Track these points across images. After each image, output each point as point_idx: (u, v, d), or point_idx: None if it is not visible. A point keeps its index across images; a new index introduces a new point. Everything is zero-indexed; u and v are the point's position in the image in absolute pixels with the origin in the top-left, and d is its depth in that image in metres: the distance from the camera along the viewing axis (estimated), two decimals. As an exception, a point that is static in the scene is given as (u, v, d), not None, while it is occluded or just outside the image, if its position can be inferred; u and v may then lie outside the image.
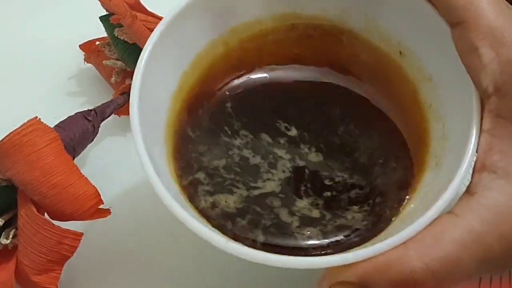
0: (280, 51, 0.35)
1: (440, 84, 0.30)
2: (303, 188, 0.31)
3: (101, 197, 0.32)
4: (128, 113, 0.43)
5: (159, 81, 0.31)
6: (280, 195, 0.31)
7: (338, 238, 0.29)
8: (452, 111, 0.28)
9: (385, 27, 0.32)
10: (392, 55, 0.32)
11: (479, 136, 0.25)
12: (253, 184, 0.31)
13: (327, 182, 0.31)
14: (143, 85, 0.29)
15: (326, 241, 0.29)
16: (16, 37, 0.49)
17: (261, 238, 0.29)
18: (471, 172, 0.25)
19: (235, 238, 0.28)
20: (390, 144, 0.32)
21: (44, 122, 0.32)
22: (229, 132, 0.33)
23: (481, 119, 0.25)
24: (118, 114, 0.41)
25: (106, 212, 0.32)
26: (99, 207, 0.32)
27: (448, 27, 0.27)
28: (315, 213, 0.30)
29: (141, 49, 0.39)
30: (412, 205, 0.29)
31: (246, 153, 0.33)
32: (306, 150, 0.32)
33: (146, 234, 0.36)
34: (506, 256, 0.23)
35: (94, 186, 0.31)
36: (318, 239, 0.29)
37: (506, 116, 0.24)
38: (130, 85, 0.41)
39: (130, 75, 0.42)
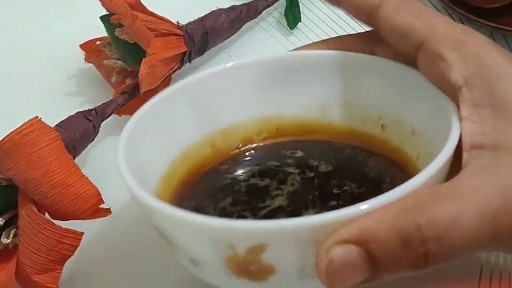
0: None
1: (421, 131, 0.31)
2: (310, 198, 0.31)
3: (102, 197, 0.32)
4: (128, 113, 0.43)
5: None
6: (288, 208, 0.31)
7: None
8: (439, 144, 0.28)
9: (364, 105, 0.34)
10: (375, 132, 0.34)
11: (461, 123, 0.26)
12: (261, 205, 0.31)
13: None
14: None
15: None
16: (17, 37, 0.49)
17: None
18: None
19: None
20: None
21: (45, 121, 0.32)
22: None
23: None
24: (119, 113, 0.41)
25: (107, 211, 0.32)
26: (100, 206, 0.32)
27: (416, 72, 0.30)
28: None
29: (141, 49, 0.40)
30: None
31: (253, 180, 0.33)
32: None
33: (146, 234, 0.36)
34: (507, 210, 0.23)
35: (94, 185, 0.32)
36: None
37: (480, 103, 0.26)
38: (130, 84, 0.41)
39: (131, 75, 0.42)
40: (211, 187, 0.33)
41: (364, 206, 0.23)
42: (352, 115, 0.34)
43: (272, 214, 0.30)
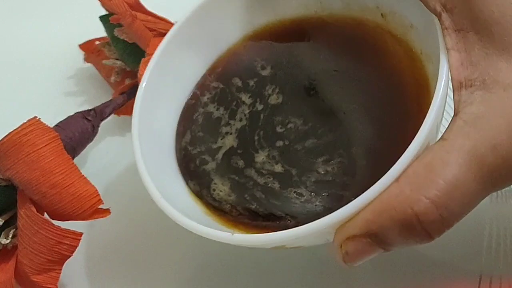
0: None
1: (419, 27, 0.30)
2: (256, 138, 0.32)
3: (101, 197, 0.32)
4: (128, 113, 0.43)
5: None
6: (238, 150, 0.32)
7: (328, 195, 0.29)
8: (434, 46, 0.28)
9: None
10: (375, 20, 0.33)
11: (448, 56, 0.25)
12: (214, 146, 0.32)
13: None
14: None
15: (319, 204, 0.29)
16: (16, 37, 0.49)
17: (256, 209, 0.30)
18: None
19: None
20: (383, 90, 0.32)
21: (44, 121, 0.32)
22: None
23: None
24: (118, 113, 0.41)
25: (106, 212, 0.32)
26: (99, 207, 0.32)
27: None
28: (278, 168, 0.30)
29: (140, 49, 0.39)
30: None
31: (212, 107, 0.34)
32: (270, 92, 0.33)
33: (145, 234, 0.36)
34: (503, 163, 0.22)
35: (93, 186, 0.31)
36: (309, 201, 0.29)
37: (463, 28, 0.25)
38: (129, 84, 0.41)
39: (130, 75, 0.42)
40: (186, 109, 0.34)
41: (363, 198, 0.23)
42: (350, 5, 0.34)
43: (227, 158, 0.31)
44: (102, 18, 0.41)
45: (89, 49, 0.44)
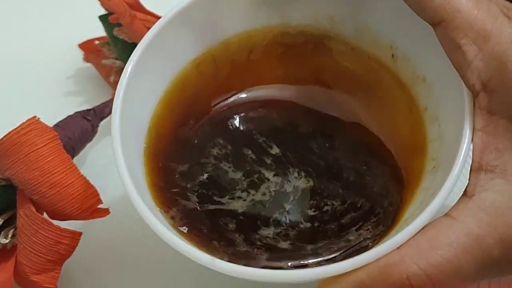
0: (265, 72, 0.34)
1: (434, 84, 0.29)
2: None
3: (100, 197, 0.32)
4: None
5: (144, 92, 0.30)
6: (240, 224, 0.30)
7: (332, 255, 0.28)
8: (447, 110, 0.28)
9: (376, 31, 0.31)
10: (383, 59, 0.31)
11: (473, 135, 0.24)
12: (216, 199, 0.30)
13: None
14: (125, 100, 0.28)
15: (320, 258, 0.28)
16: (15, 36, 0.48)
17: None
18: (467, 174, 0.24)
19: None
20: (375, 158, 0.31)
21: (43, 121, 0.32)
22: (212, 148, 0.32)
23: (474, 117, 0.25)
24: (117, 113, 0.41)
25: (105, 211, 0.32)
26: (98, 206, 0.32)
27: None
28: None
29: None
30: (409, 211, 0.28)
31: (226, 166, 0.32)
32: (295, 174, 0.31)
33: (145, 233, 0.36)
34: (507, 260, 0.22)
35: (93, 185, 0.31)
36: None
37: (498, 112, 0.24)
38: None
39: (129, 74, 0.42)
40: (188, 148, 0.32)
41: (358, 260, 0.23)
42: (362, 34, 0.32)
43: (227, 219, 0.30)
44: (102, 17, 0.41)
45: (89, 48, 0.44)
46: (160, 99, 0.31)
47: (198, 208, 0.30)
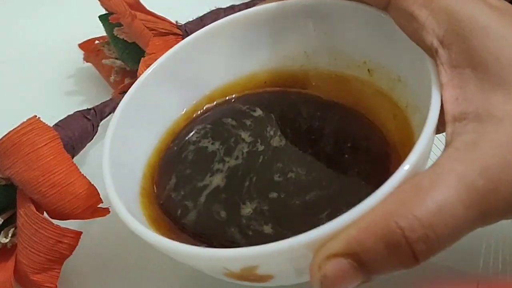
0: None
1: (408, 79, 0.30)
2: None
3: (100, 196, 0.32)
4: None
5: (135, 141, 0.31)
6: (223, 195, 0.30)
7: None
8: (423, 97, 0.28)
9: (349, 54, 0.33)
10: (362, 77, 0.33)
11: (442, 91, 0.25)
12: (200, 184, 0.31)
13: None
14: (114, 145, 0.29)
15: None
16: (16, 36, 0.49)
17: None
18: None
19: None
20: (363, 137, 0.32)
21: (43, 121, 0.32)
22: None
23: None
24: (117, 113, 0.41)
25: (105, 211, 0.32)
26: (98, 206, 0.32)
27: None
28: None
29: (140, 48, 0.39)
30: None
31: (204, 143, 0.33)
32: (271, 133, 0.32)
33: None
34: (493, 191, 0.22)
35: (93, 185, 0.31)
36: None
37: (459, 65, 0.24)
38: (129, 84, 0.41)
39: (129, 74, 0.42)
40: (171, 155, 0.33)
41: (347, 216, 0.22)
42: (337, 60, 0.34)
43: (211, 200, 0.30)
44: (102, 17, 0.41)
45: (89, 48, 0.44)
46: (154, 148, 0.33)
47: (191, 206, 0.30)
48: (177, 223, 0.30)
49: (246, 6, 0.46)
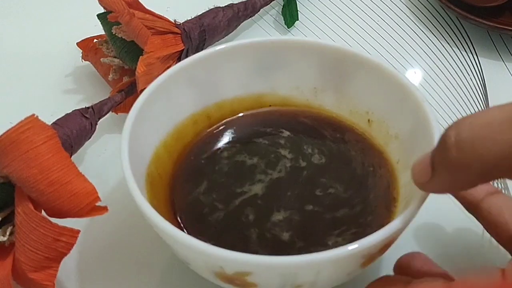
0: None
1: (406, 139, 0.32)
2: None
3: (98, 194, 0.32)
4: (125, 111, 0.43)
5: (146, 135, 0.32)
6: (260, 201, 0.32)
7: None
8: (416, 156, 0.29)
9: (354, 101, 0.35)
10: (361, 125, 0.35)
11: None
12: (238, 190, 0.32)
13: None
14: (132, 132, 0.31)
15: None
16: (14, 35, 0.49)
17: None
18: None
19: None
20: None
21: (42, 119, 0.32)
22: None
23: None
24: (116, 111, 0.41)
25: (103, 209, 0.32)
26: (96, 204, 0.32)
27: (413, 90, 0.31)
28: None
29: (138, 47, 0.39)
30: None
31: (242, 157, 0.34)
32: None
33: (143, 231, 0.36)
34: None
35: (91, 183, 0.31)
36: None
37: None
38: (127, 82, 0.41)
39: (128, 72, 0.42)
40: (195, 163, 0.34)
41: (352, 246, 0.25)
42: (341, 104, 0.36)
43: (244, 206, 0.31)
44: (100, 16, 0.41)
45: (87, 47, 0.44)
46: (161, 142, 0.34)
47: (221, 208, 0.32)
48: (197, 218, 0.31)
49: (244, 5, 0.46)
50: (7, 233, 0.32)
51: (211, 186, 0.33)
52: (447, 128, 0.24)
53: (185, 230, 0.31)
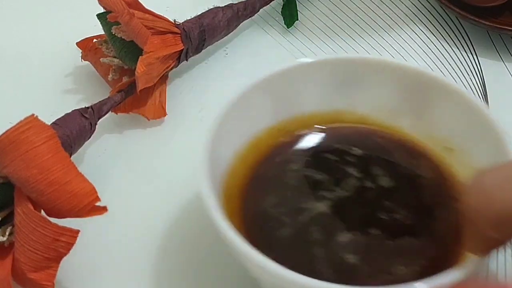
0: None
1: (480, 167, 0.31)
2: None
3: (98, 195, 0.32)
4: (125, 111, 0.43)
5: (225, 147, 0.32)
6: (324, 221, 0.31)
7: None
8: None
9: (434, 125, 0.34)
10: (439, 152, 0.34)
11: None
12: (303, 205, 0.32)
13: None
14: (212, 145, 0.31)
15: None
16: (13, 35, 0.48)
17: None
18: None
19: None
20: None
21: (41, 119, 0.32)
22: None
23: None
24: (115, 111, 0.41)
25: (103, 209, 0.32)
26: (96, 204, 0.32)
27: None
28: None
29: (138, 47, 0.39)
30: None
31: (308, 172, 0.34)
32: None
33: (142, 231, 0.36)
34: None
35: (91, 183, 0.31)
36: None
37: None
38: (127, 82, 0.41)
39: (127, 72, 0.42)
40: (266, 175, 0.34)
41: (421, 286, 0.25)
42: (419, 128, 0.35)
43: (309, 223, 0.31)
44: (100, 16, 0.41)
45: (87, 47, 0.44)
46: (236, 153, 0.34)
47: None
48: (265, 232, 0.31)
49: (244, 5, 0.46)
50: (7, 233, 0.32)
51: (279, 200, 0.32)
52: None
53: (252, 244, 0.29)
